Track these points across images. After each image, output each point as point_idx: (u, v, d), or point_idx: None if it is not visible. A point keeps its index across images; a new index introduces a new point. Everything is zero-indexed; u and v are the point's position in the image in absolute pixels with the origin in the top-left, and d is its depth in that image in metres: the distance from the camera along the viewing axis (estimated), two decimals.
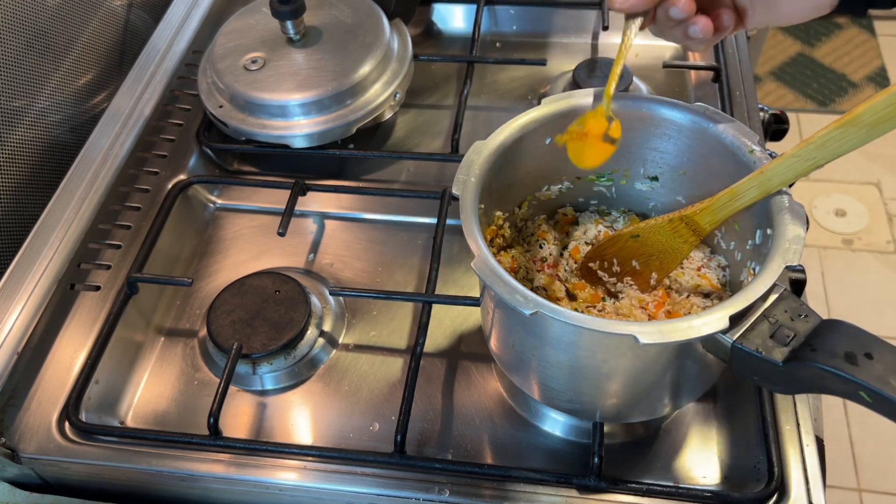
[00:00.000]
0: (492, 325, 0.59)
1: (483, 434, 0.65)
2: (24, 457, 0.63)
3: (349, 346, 0.72)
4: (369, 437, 0.65)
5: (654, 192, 0.65)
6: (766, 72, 2.40)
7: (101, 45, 0.92)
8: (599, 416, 0.60)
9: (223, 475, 0.62)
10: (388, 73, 0.85)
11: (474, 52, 0.93)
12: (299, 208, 0.79)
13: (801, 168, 0.50)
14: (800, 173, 0.50)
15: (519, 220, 0.66)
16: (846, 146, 0.47)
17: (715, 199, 0.56)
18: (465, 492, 0.59)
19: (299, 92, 0.80)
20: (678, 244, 0.60)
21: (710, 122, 0.58)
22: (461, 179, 0.56)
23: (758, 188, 0.52)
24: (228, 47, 0.85)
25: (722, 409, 0.65)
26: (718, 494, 0.58)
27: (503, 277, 0.50)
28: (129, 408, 0.69)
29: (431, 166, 0.85)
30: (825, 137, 0.47)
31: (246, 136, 0.83)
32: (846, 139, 0.46)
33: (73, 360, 0.68)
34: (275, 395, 0.69)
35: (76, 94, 0.89)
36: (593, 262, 0.63)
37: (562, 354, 0.53)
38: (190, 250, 0.80)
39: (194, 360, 0.71)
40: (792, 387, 0.47)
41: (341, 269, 0.77)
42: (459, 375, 0.69)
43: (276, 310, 0.70)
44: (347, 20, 0.86)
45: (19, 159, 0.81)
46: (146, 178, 0.82)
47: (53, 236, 0.74)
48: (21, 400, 0.65)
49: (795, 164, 0.50)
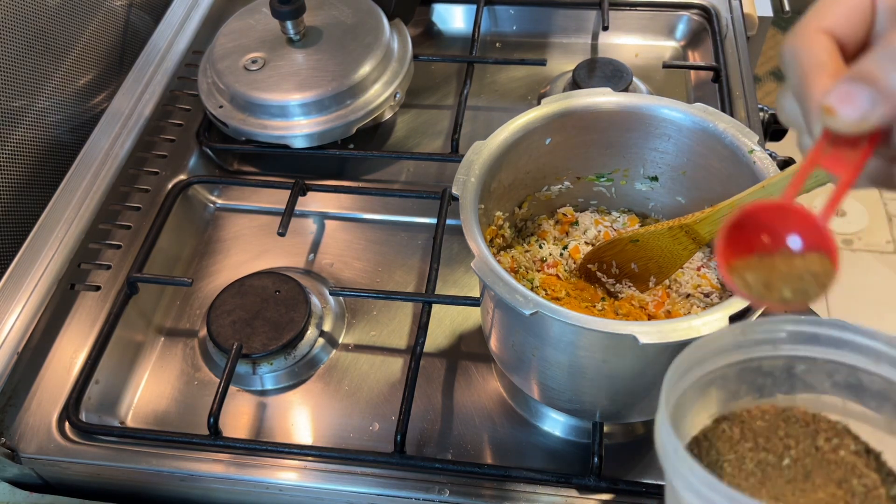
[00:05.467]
0: (492, 325, 0.59)
1: (483, 434, 0.65)
2: (24, 457, 0.63)
3: (349, 346, 0.72)
4: (369, 437, 0.65)
5: (654, 192, 0.65)
6: (766, 72, 2.40)
7: (101, 45, 0.92)
8: (599, 416, 0.60)
9: (223, 475, 0.62)
10: (388, 73, 0.85)
11: (474, 52, 0.93)
12: (299, 208, 0.79)
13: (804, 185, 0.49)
14: (801, 190, 0.50)
15: (519, 220, 0.66)
16: None
17: (715, 209, 0.55)
18: (465, 492, 0.59)
19: (299, 92, 0.80)
20: (677, 251, 0.60)
21: (710, 122, 0.58)
22: (461, 179, 0.56)
23: None
24: (228, 47, 0.85)
25: None
26: None
27: (503, 277, 0.50)
28: (129, 408, 0.69)
29: (431, 166, 0.85)
30: None
31: (246, 136, 0.83)
32: None
33: (73, 360, 0.68)
34: (275, 395, 0.69)
35: (76, 94, 0.89)
36: (592, 263, 0.63)
37: (562, 354, 0.53)
38: (190, 250, 0.80)
39: (194, 360, 0.71)
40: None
41: (341, 269, 0.77)
42: (459, 375, 0.69)
43: (276, 310, 0.70)
44: (347, 20, 0.86)
45: (19, 159, 0.81)
46: (146, 178, 0.82)
47: (53, 236, 0.74)
48: (21, 400, 0.65)
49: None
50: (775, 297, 0.34)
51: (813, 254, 0.34)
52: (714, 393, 0.42)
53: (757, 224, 0.35)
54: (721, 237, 0.35)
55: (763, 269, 0.35)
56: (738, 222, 0.35)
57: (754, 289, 0.35)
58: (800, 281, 0.34)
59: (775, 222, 0.35)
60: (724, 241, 0.35)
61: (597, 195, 0.68)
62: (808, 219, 0.34)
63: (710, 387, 0.41)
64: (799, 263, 0.34)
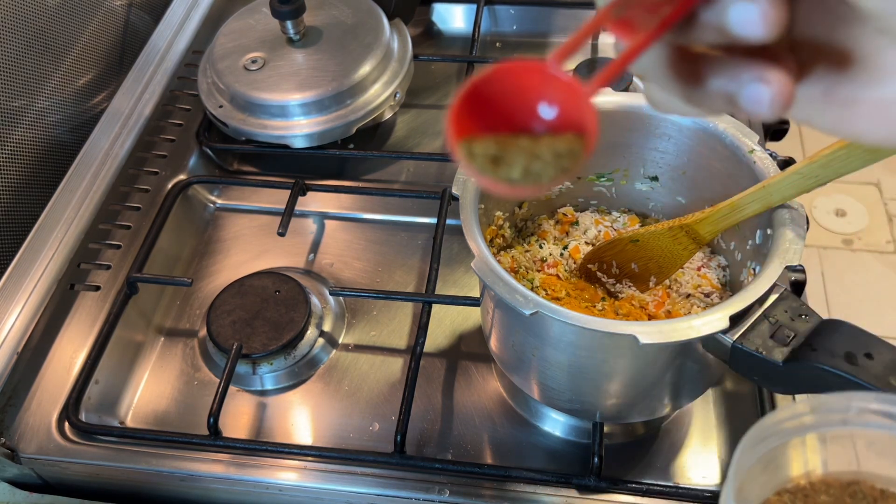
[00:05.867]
0: (492, 325, 0.59)
1: (483, 434, 0.65)
2: (24, 457, 0.63)
3: (349, 346, 0.72)
4: (369, 437, 0.65)
5: (654, 192, 0.65)
6: None
7: (101, 45, 0.92)
8: (599, 416, 0.60)
9: (223, 475, 0.62)
10: (388, 73, 0.85)
11: (474, 52, 0.93)
12: (299, 208, 0.79)
13: (803, 185, 0.49)
14: (802, 190, 0.50)
15: (519, 220, 0.66)
16: (850, 166, 0.46)
17: (715, 209, 0.55)
18: (465, 492, 0.59)
19: (299, 92, 0.80)
20: (677, 251, 0.60)
21: (710, 121, 0.58)
22: (461, 179, 0.56)
23: (759, 202, 0.52)
24: (228, 47, 0.85)
25: (722, 409, 0.65)
26: (718, 494, 0.58)
27: (503, 277, 0.50)
28: (129, 408, 0.69)
29: (431, 166, 0.85)
30: (829, 157, 0.47)
31: (246, 136, 0.83)
32: (850, 159, 0.46)
33: (72, 360, 0.68)
34: (275, 395, 0.69)
35: (76, 94, 0.89)
36: (592, 263, 0.63)
37: (562, 354, 0.53)
38: (190, 250, 0.80)
39: (194, 360, 0.71)
40: (792, 387, 0.47)
41: (341, 269, 0.77)
42: (459, 375, 0.69)
43: (276, 310, 0.70)
44: (347, 20, 0.86)
45: (19, 159, 0.81)
46: (146, 178, 0.82)
47: (53, 236, 0.74)
48: (21, 400, 0.65)
49: (798, 182, 0.49)
50: (501, 174, 0.28)
51: (567, 133, 0.28)
52: (778, 465, 0.40)
53: (508, 88, 0.28)
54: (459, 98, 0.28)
55: (500, 140, 0.28)
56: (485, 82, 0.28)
57: (478, 161, 0.28)
58: (536, 160, 0.28)
59: (530, 88, 0.28)
60: (463, 102, 0.28)
61: (597, 195, 0.68)
62: (569, 88, 0.27)
63: (775, 461, 0.40)
64: (546, 140, 0.28)
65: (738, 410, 0.64)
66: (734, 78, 0.27)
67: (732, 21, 0.25)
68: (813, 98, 0.29)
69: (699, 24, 0.26)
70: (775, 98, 0.26)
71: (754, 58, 0.26)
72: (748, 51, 0.26)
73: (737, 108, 0.27)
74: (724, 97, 0.27)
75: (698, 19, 0.26)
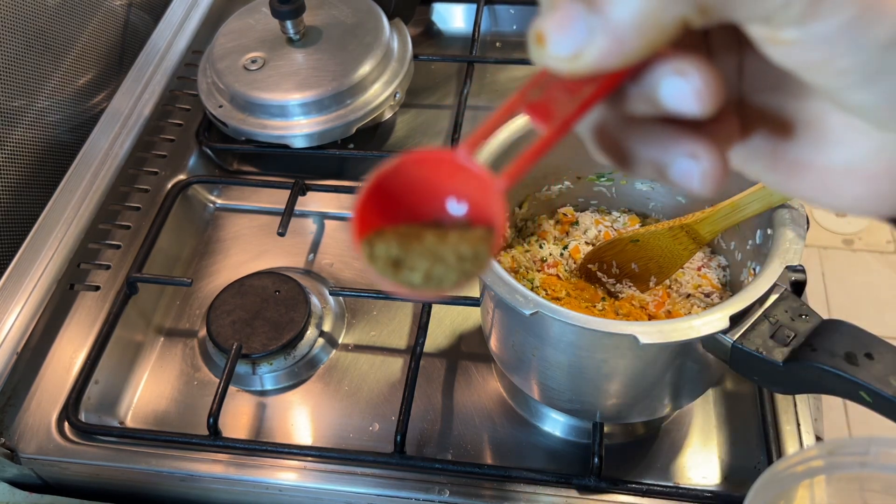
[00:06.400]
0: (492, 326, 0.59)
1: (483, 434, 0.65)
2: (24, 457, 0.63)
3: (349, 346, 0.72)
4: (369, 438, 0.65)
5: (654, 192, 0.65)
6: None
7: (101, 45, 0.92)
8: (599, 416, 0.60)
9: (223, 475, 0.62)
10: (388, 73, 0.85)
11: (474, 52, 0.93)
12: (299, 208, 0.79)
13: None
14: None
15: (519, 220, 0.66)
16: None
17: (716, 209, 0.55)
18: (465, 492, 0.59)
19: (299, 92, 0.80)
20: (678, 251, 0.60)
21: None
22: None
23: (759, 202, 0.52)
24: (228, 47, 0.85)
25: (722, 409, 0.65)
26: (718, 494, 0.58)
27: (503, 277, 0.49)
28: (129, 408, 0.69)
29: None
30: None
31: (246, 136, 0.83)
32: None
33: (72, 360, 0.68)
34: (275, 395, 0.69)
35: (76, 94, 0.89)
36: (592, 263, 0.63)
37: (562, 354, 0.53)
38: (190, 250, 0.80)
39: (194, 360, 0.71)
40: (792, 387, 0.47)
41: (341, 269, 0.77)
42: (459, 375, 0.69)
43: (276, 310, 0.70)
44: (347, 20, 0.86)
45: (19, 159, 0.81)
46: (146, 178, 0.82)
47: (53, 236, 0.73)
48: (21, 400, 0.65)
49: None
50: (402, 278, 0.26)
51: (478, 228, 0.26)
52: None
53: (415, 180, 0.26)
54: (364, 192, 0.26)
55: (406, 238, 0.26)
56: (392, 174, 0.26)
57: (378, 265, 0.26)
58: (439, 264, 0.26)
59: (439, 179, 0.26)
60: (368, 196, 0.26)
61: (597, 195, 0.67)
62: (478, 181, 0.25)
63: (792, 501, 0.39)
64: (453, 239, 0.26)
65: (738, 410, 0.64)
66: (665, 150, 0.26)
67: (664, 97, 0.24)
68: (761, 155, 0.28)
69: (629, 96, 0.25)
70: (706, 175, 0.25)
71: (686, 129, 0.25)
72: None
73: (666, 181, 0.26)
74: (654, 167, 0.26)
75: (627, 93, 0.25)
